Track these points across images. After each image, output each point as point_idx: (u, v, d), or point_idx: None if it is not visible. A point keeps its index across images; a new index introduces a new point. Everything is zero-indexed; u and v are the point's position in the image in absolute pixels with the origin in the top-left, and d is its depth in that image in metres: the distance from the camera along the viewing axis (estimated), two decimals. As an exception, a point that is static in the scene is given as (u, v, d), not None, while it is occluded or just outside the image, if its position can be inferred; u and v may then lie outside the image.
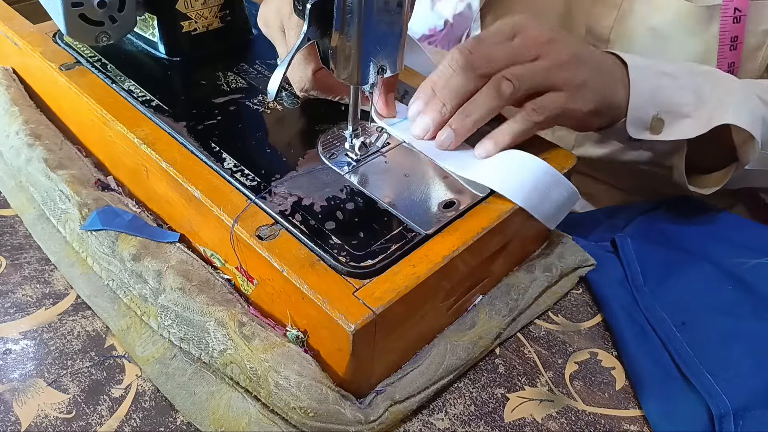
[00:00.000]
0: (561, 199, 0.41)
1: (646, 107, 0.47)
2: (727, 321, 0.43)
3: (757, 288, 0.45)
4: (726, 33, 0.50)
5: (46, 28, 0.52)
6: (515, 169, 0.40)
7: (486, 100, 0.41)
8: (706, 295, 0.45)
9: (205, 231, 0.41)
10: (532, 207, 0.40)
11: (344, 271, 0.35)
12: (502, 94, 0.41)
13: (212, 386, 0.37)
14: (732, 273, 0.46)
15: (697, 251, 0.49)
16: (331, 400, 0.35)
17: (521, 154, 0.41)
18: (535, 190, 0.40)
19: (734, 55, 0.51)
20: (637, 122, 0.47)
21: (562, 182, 0.41)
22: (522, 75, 0.42)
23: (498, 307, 0.42)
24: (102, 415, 0.37)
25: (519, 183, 0.40)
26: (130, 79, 0.47)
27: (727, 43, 0.51)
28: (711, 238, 0.50)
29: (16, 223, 0.48)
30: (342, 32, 0.36)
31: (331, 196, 0.39)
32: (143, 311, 0.40)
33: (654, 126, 0.47)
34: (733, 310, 0.44)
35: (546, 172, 0.40)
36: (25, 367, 0.39)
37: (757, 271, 0.46)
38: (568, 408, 0.40)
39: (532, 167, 0.40)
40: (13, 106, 0.50)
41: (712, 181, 0.50)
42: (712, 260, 0.48)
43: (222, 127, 0.44)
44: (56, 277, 0.44)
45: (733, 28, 0.50)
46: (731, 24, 0.50)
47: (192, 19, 0.50)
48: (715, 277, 0.46)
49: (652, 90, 0.46)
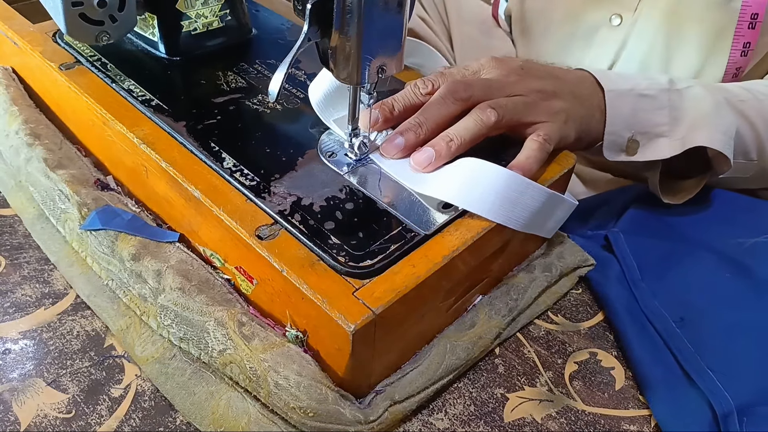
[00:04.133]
0: (537, 205, 0.39)
1: (622, 131, 0.47)
2: (728, 314, 0.42)
3: (756, 271, 0.44)
4: (747, 8, 0.49)
5: (46, 28, 0.52)
6: (475, 180, 0.38)
7: (469, 126, 0.41)
8: (704, 288, 0.45)
9: (204, 231, 0.41)
10: (503, 218, 0.38)
11: (344, 271, 0.35)
12: (486, 121, 0.41)
13: (212, 386, 0.37)
14: (730, 257, 0.46)
15: (693, 237, 0.48)
16: (330, 400, 0.35)
17: (481, 164, 0.39)
18: (502, 199, 0.38)
19: (752, 35, 0.51)
20: (613, 146, 0.48)
21: (532, 187, 0.39)
22: (505, 105, 0.42)
23: (498, 307, 0.42)
24: (101, 414, 0.37)
25: (480, 194, 0.38)
26: (130, 79, 0.47)
27: (747, 20, 0.50)
28: (706, 220, 0.49)
29: (15, 223, 0.47)
30: (342, 32, 0.36)
31: (331, 196, 0.39)
32: (143, 311, 0.40)
33: (629, 147, 0.48)
34: (733, 301, 0.43)
35: (509, 179, 0.38)
36: (24, 367, 0.38)
37: (755, 251, 0.45)
38: (568, 408, 0.40)
39: (494, 176, 0.38)
40: (12, 106, 0.50)
41: (683, 189, 0.51)
42: (708, 245, 0.47)
43: (222, 127, 0.44)
44: (56, 277, 0.44)
45: (756, 3, 0.50)
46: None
47: (192, 18, 0.50)
48: (713, 266, 0.46)
49: (628, 114, 0.47)
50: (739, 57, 0.53)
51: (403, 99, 0.44)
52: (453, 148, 0.41)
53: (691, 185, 0.50)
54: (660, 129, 0.47)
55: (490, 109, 0.41)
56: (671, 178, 0.51)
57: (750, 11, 0.51)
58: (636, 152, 0.48)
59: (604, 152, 0.48)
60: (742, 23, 0.52)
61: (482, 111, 0.41)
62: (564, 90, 0.46)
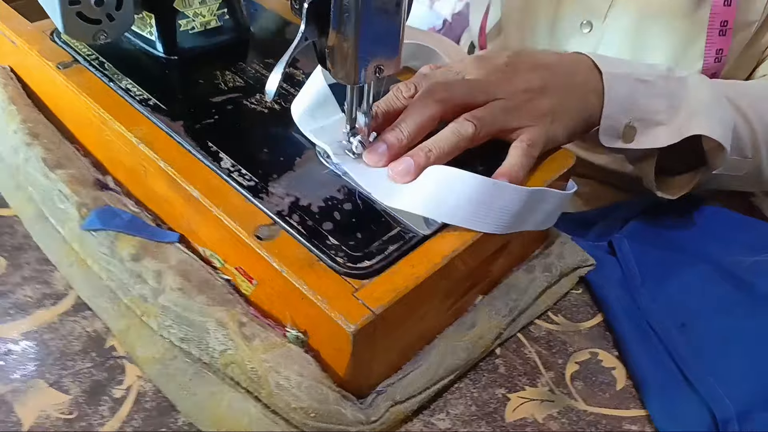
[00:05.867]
0: (516, 206, 0.38)
1: (619, 116, 0.46)
2: (727, 321, 0.43)
3: (755, 287, 0.45)
4: (716, 16, 0.49)
5: (44, 27, 0.52)
6: (447, 189, 0.37)
7: (447, 138, 0.40)
8: (704, 296, 0.45)
9: (204, 231, 0.40)
10: (481, 225, 0.37)
11: (343, 272, 0.35)
12: (464, 134, 0.40)
13: (213, 387, 0.37)
14: (730, 272, 0.46)
15: (695, 251, 0.49)
16: (331, 401, 0.35)
17: (450, 173, 0.38)
18: (477, 205, 0.37)
19: (723, 41, 0.51)
20: (610, 131, 0.47)
21: (506, 189, 0.38)
22: (482, 116, 0.41)
23: (498, 308, 0.42)
24: (103, 415, 0.37)
25: (453, 205, 0.37)
26: (128, 78, 0.47)
27: (717, 27, 0.50)
28: (707, 237, 0.50)
29: (15, 224, 0.47)
30: (339, 31, 0.36)
31: (329, 197, 0.39)
32: (143, 311, 0.40)
33: (626, 134, 0.47)
34: (733, 309, 0.44)
35: (480, 185, 0.37)
36: (26, 368, 0.39)
37: (756, 269, 0.46)
38: (569, 408, 0.40)
39: (463, 184, 0.37)
40: (11, 105, 0.50)
41: (677, 184, 0.50)
42: (709, 260, 0.48)
43: (219, 127, 0.44)
44: (56, 278, 0.44)
45: (724, 12, 0.50)
46: (722, 7, 0.49)
47: (190, 17, 0.50)
48: (713, 277, 0.46)
49: (626, 98, 0.46)
50: (713, 63, 0.52)
51: (385, 104, 0.43)
52: (432, 158, 0.40)
53: (686, 180, 0.50)
54: (658, 116, 0.47)
55: (467, 121, 0.41)
56: (665, 174, 0.51)
57: (719, 19, 0.51)
58: (633, 139, 0.47)
59: (600, 137, 0.47)
60: (713, 30, 0.51)
61: (460, 123, 0.41)
62: (554, 82, 0.45)
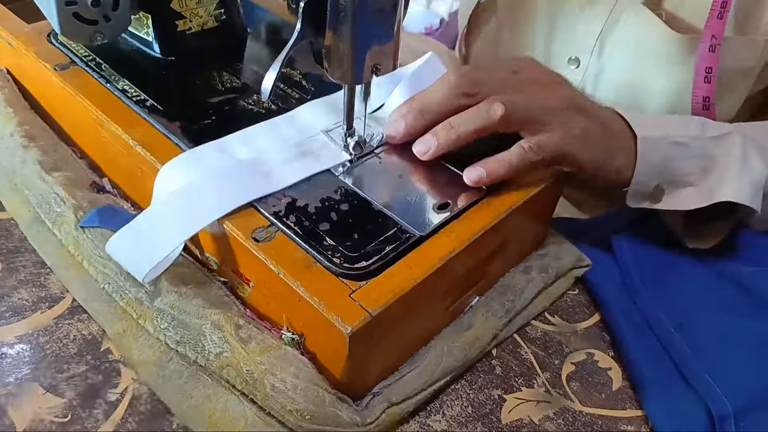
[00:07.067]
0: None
1: (650, 180, 0.45)
2: (726, 320, 0.43)
3: (754, 290, 0.45)
4: (702, 61, 0.48)
5: (41, 28, 0.52)
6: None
7: (474, 117, 0.39)
8: (703, 296, 0.45)
9: (200, 233, 0.40)
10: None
11: (340, 273, 0.35)
12: (492, 115, 0.39)
13: (208, 389, 0.37)
14: (730, 277, 0.46)
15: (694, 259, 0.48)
16: (327, 403, 0.35)
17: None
18: None
19: (708, 89, 0.49)
20: (638, 194, 0.45)
21: None
22: (516, 102, 0.40)
23: (494, 309, 0.42)
24: (98, 419, 0.37)
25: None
26: (125, 79, 0.47)
27: (702, 73, 0.49)
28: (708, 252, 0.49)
29: (11, 227, 0.47)
30: (335, 31, 0.36)
31: (326, 197, 0.39)
32: (139, 314, 0.40)
33: (654, 195, 0.45)
34: (731, 308, 0.44)
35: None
36: (20, 372, 0.38)
37: (755, 278, 0.45)
38: (566, 409, 0.40)
39: None
40: (7, 108, 0.50)
41: (710, 232, 0.48)
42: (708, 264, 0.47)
43: (217, 127, 0.44)
44: (52, 281, 0.44)
45: (709, 58, 0.48)
46: (707, 53, 0.48)
47: (187, 18, 0.50)
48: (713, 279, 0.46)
49: (659, 162, 0.44)
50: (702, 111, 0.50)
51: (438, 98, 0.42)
52: (453, 136, 0.39)
53: (718, 229, 0.48)
54: (690, 179, 0.45)
55: (498, 103, 0.39)
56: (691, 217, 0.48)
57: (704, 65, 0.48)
58: (660, 200, 0.45)
59: (627, 200, 0.46)
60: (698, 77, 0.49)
61: (489, 103, 0.39)
62: (593, 112, 0.43)
